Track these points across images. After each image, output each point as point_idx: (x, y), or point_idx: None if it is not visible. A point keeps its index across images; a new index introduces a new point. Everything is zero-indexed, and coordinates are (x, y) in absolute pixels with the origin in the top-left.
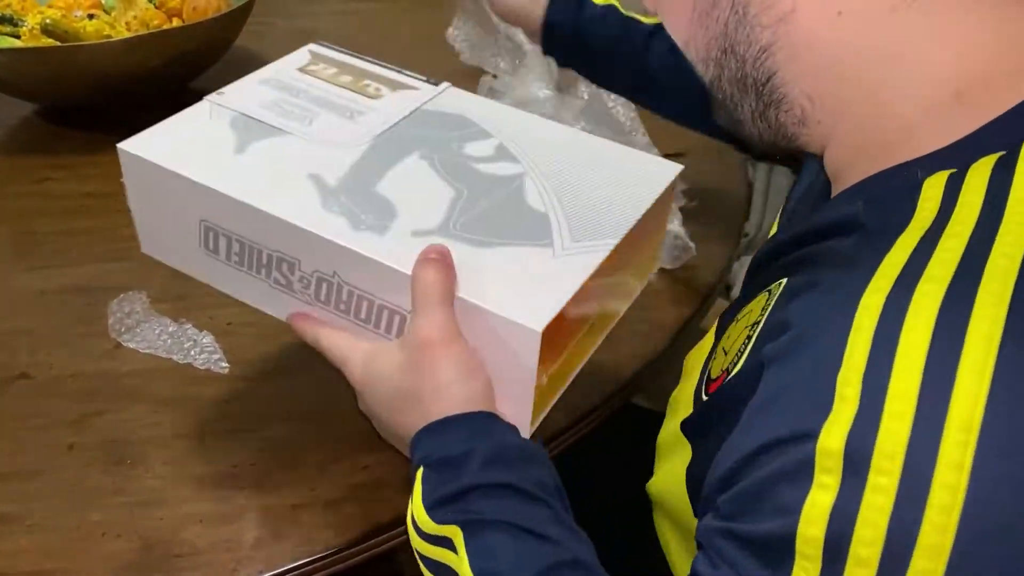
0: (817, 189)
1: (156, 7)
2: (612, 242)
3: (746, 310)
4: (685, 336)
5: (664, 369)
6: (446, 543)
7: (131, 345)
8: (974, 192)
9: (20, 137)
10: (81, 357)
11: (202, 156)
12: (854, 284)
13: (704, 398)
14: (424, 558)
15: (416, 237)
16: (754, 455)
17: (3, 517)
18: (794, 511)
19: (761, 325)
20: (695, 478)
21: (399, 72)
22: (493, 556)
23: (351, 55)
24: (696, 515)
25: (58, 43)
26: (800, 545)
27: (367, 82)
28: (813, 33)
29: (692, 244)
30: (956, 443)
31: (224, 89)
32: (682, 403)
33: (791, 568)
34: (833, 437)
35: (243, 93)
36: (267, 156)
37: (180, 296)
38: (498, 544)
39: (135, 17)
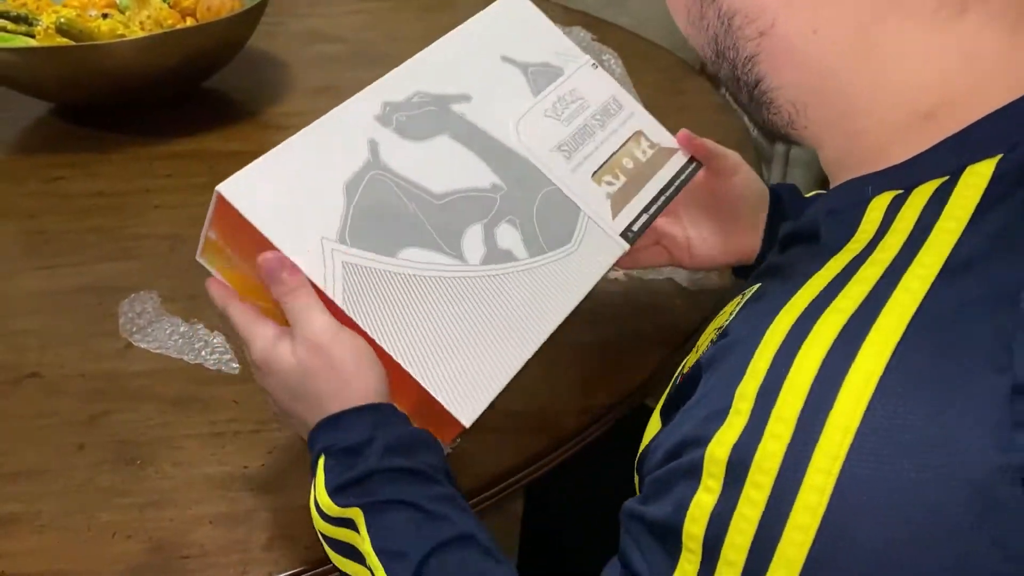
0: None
1: (170, 7)
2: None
3: (720, 312)
4: (698, 337)
5: (675, 371)
6: (349, 524)
7: (142, 345)
8: (907, 219)
9: (34, 136)
10: (91, 357)
11: (487, 35)
12: (778, 301)
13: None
14: (328, 538)
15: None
16: (672, 451)
17: (12, 517)
18: (684, 507)
19: (723, 330)
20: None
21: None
22: (393, 534)
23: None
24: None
25: (72, 43)
26: (685, 539)
27: (618, 174)
28: (792, 48)
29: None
30: (820, 470)
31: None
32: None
33: (679, 556)
34: (721, 446)
35: (606, 84)
36: (488, 72)
37: (191, 296)
38: (397, 523)
39: (149, 17)
